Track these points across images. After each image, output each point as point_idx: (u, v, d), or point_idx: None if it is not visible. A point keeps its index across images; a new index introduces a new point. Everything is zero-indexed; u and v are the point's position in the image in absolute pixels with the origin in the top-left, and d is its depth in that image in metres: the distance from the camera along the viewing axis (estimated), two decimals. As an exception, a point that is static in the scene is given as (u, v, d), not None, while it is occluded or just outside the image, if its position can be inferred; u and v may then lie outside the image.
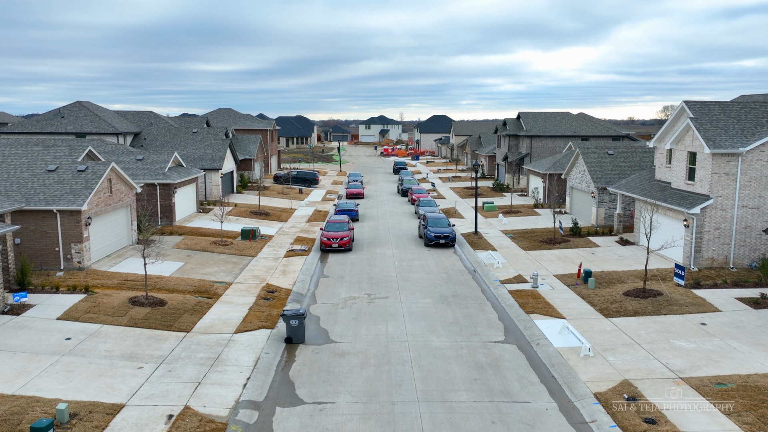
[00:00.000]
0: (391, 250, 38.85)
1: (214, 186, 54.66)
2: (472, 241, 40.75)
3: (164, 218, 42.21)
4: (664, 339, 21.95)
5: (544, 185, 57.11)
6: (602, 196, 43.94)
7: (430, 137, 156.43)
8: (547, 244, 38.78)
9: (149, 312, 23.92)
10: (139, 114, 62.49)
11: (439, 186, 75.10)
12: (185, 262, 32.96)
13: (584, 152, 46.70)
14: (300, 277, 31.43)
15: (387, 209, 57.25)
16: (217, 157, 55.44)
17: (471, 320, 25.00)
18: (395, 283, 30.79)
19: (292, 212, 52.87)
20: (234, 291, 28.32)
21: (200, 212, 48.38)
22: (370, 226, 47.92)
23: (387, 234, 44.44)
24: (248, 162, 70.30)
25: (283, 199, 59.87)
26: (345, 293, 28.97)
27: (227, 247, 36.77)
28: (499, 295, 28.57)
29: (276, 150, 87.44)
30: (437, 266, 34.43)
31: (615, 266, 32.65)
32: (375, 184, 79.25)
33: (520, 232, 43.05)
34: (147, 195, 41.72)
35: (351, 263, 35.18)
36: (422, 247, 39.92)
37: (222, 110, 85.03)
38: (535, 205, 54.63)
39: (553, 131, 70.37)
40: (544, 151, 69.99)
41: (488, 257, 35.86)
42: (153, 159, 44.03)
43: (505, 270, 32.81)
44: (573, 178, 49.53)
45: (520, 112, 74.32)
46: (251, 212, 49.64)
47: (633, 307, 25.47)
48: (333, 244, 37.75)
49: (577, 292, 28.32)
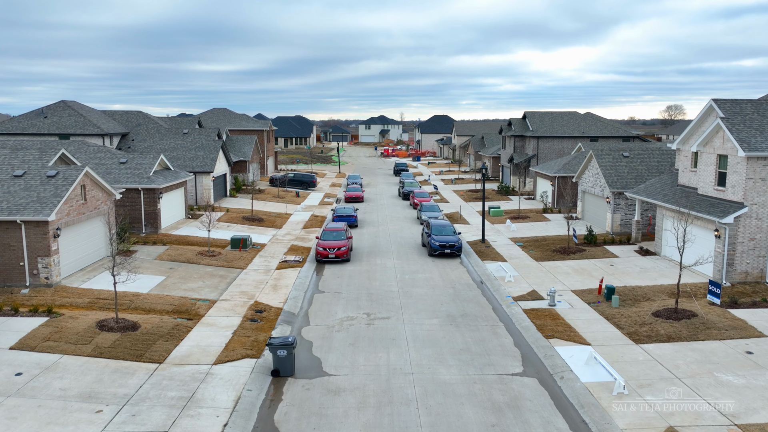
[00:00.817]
0: (393, 260, 35.97)
1: (205, 190, 51.80)
2: (479, 251, 37.87)
3: (149, 226, 39.34)
4: (708, 372, 19.07)
5: (552, 189, 54.24)
6: (618, 201, 41.06)
7: (432, 137, 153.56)
8: (560, 254, 35.90)
9: (118, 339, 21.04)
10: (128, 114, 59.58)
11: (441, 189, 72.23)
12: (167, 275, 30.08)
13: (598, 154, 43.82)
14: (292, 293, 28.55)
15: (387, 214, 54.39)
16: (209, 159, 52.58)
17: (483, 346, 22.12)
18: (397, 299, 27.92)
19: (287, 218, 49.99)
20: (218, 310, 25.44)
21: (189, 218, 45.51)
22: (370, 233, 45.06)
23: (388, 242, 41.56)
24: (243, 164, 67.43)
25: (279, 203, 57.00)
26: (342, 312, 26.09)
27: (215, 258, 33.88)
28: (513, 314, 25.69)
29: (273, 151, 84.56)
30: (443, 280, 31.56)
31: (638, 280, 29.78)
32: (375, 187, 76.39)
33: (530, 240, 40.16)
34: (130, 201, 38.85)
35: (349, 276, 32.30)
36: (426, 256, 37.04)
37: (216, 110, 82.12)
38: (544, 210, 51.74)
39: (561, 132, 67.49)
40: (551, 153, 67.11)
41: (498, 269, 32.99)
42: (137, 162, 41.16)
43: (517, 284, 29.94)
44: (585, 182, 46.64)
45: (525, 111, 71.46)
46: (244, 218, 46.76)
47: (665, 330, 22.58)
48: (329, 254, 34.88)
49: (600, 311, 25.44)
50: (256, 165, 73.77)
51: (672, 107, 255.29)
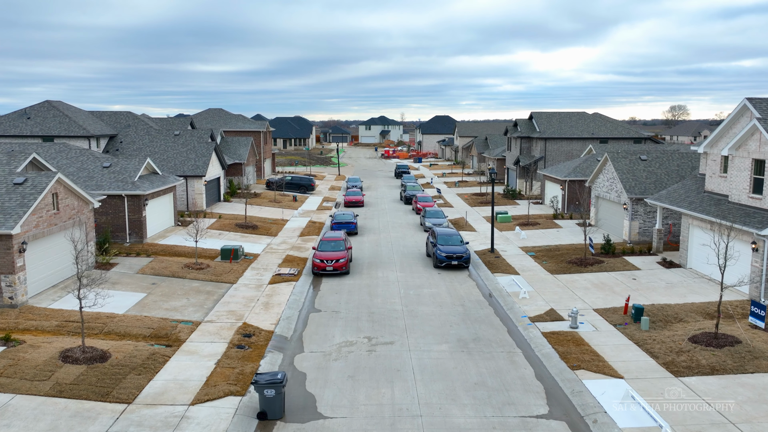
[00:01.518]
0: (395, 273, 33.27)
1: (197, 195, 49.10)
2: (488, 261, 35.18)
3: (133, 235, 36.64)
4: (766, 415, 16.37)
5: (563, 193, 51.54)
6: (636, 207, 38.36)
7: (433, 138, 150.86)
8: (577, 265, 33.20)
9: (83, 372, 18.35)
10: (116, 115, 56.86)
11: (445, 192, 69.52)
12: (148, 292, 27.38)
13: (614, 157, 41.11)
14: (285, 313, 25.85)
15: (389, 219, 51.69)
16: (201, 162, 49.89)
17: (501, 379, 19.42)
18: (401, 320, 25.22)
19: (283, 224, 47.28)
20: (201, 334, 22.75)
21: (178, 225, 42.81)
22: (371, 241, 42.36)
23: (390, 251, 38.87)
24: (238, 167, 64.72)
25: (275, 208, 54.31)
26: (340, 336, 23.39)
27: (202, 271, 31.18)
28: (532, 339, 22.98)
29: (270, 153, 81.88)
30: (451, 296, 28.86)
31: (666, 297, 27.08)
32: (376, 190, 73.70)
33: (542, 250, 37.46)
34: (113, 208, 36.17)
35: (348, 291, 29.61)
36: (431, 268, 34.35)
37: (212, 111, 79.45)
38: (555, 216, 49.03)
39: (569, 133, 64.81)
40: (559, 155, 64.43)
41: (510, 283, 30.29)
42: (122, 166, 38.46)
43: (533, 302, 27.24)
44: (599, 186, 43.94)
45: (532, 112, 68.78)
46: (237, 225, 44.04)
47: (707, 360, 19.89)
48: (327, 266, 32.18)
49: (629, 335, 22.74)
50: (252, 168, 71.10)
51: (675, 107, 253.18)
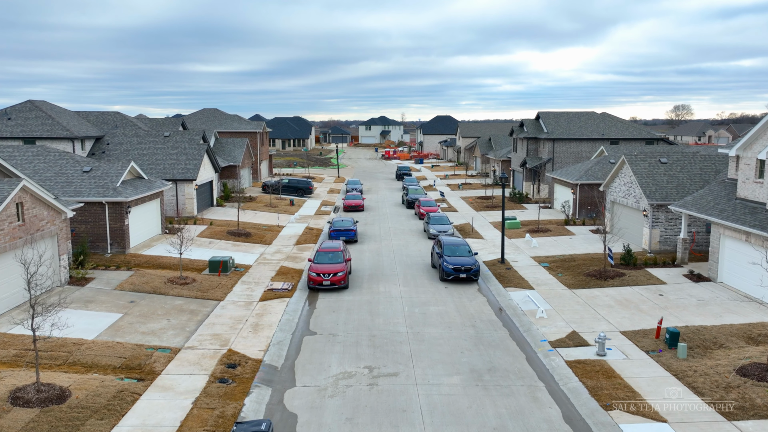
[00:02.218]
0: (398, 287, 30.56)
1: (188, 200, 46.40)
2: (499, 274, 32.47)
3: (115, 245, 33.94)
4: None
5: (574, 197, 48.85)
6: (657, 214, 35.66)
7: (434, 139, 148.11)
8: (596, 279, 30.49)
9: (35, 418, 15.65)
10: (104, 116, 54.16)
11: (448, 195, 66.78)
12: (125, 312, 24.67)
13: (631, 160, 38.40)
14: (277, 336, 23.13)
15: (391, 225, 48.98)
16: (191, 165, 47.19)
17: (524, 422, 16.70)
18: (406, 345, 22.51)
19: (279, 231, 44.56)
20: (179, 364, 20.04)
21: (166, 233, 40.09)
22: (372, 249, 39.64)
23: (392, 261, 36.15)
24: (233, 169, 62.03)
25: (270, 213, 51.59)
26: (337, 366, 20.68)
27: (187, 286, 28.48)
28: (555, 369, 20.27)
29: (267, 154, 79.19)
30: (460, 315, 26.15)
31: (699, 317, 24.37)
32: (376, 193, 71.00)
33: (556, 260, 34.75)
34: (93, 216, 33.48)
35: (347, 310, 26.90)
36: (437, 281, 31.64)
37: (206, 111, 76.77)
38: (566, 222, 46.29)
39: (578, 133, 62.08)
40: (568, 156, 61.72)
41: (525, 300, 27.58)
42: (103, 171, 35.76)
43: (552, 322, 24.53)
44: (615, 191, 41.22)
45: (539, 112, 66.07)
46: (229, 232, 41.32)
47: (763, 399, 17.16)
48: (324, 281, 29.47)
49: (665, 364, 20.02)
50: (248, 170, 68.43)
51: (679, 107, 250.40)
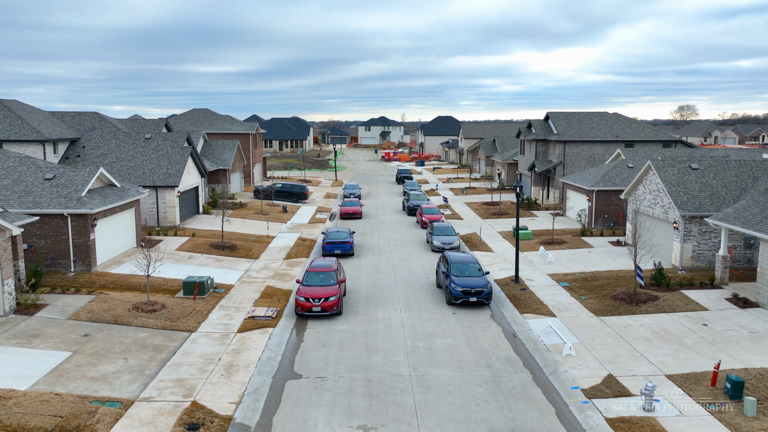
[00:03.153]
0: (399, 312, 26.69)
1: (169, 208, 42.52)
2: (514, 296, 28.61)
3: (79, 262, 30.07)
4: None
5: (589, 205, 44.98)
6: (689, 227, 31.82)
7: (435, 140, 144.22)
8: (626, 303, 26.63)
9: None
10: (81, 116, 50.25)
11: (452, 200, 62.88)
12: (75, 350, 20.80)
13: (659, 166, 34.53)
14: (254, 382, 19.25)
15: (391, 236, 45.09)
16: (174, 170, 43.31)
17: None
18: (409, 394, 18.62)
19: (268, 243, 40.66)
20: (129, 425, 16.15)
21: (142, 246, 36.16)
22: (370, 264, 35.76)
23: (392, 279, 32.29)
24: (222, 173, 58.19)
25: (261, 221, 47.71)
26: (324, 425, 16.76)
27: (155, 314, 24.59)
28: (593, 430, 16.38)
29: (261, 157, 75.32)
30: (472, 350, 22.27)
31: (758, 356, 20.51)
32: (375, 198, 67.12)
33: (577, 279, 30.89)
34: (54, 230, 29.62)
35: (339, 343, 23.01)
36: (443, 305, 27.79)
37: (197, 111, 72.94)
38: (583, 232, 42.38)
39: (591, 135, 58.23)
40: (579, 160, 57.87)
41: (547, 331, 23.70)
42: (68, 178, 31.89)
43: (582, 361, 20.66)
44: (639, 199, 37.35)
45: (548, 112, 62.22)
46: (212, 245, 37.41)
47: None
48: (313, 306, 25.58)
49: (731, 425, 16.15)
50: (240, 174, 64.57)
51: (684, 107, 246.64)
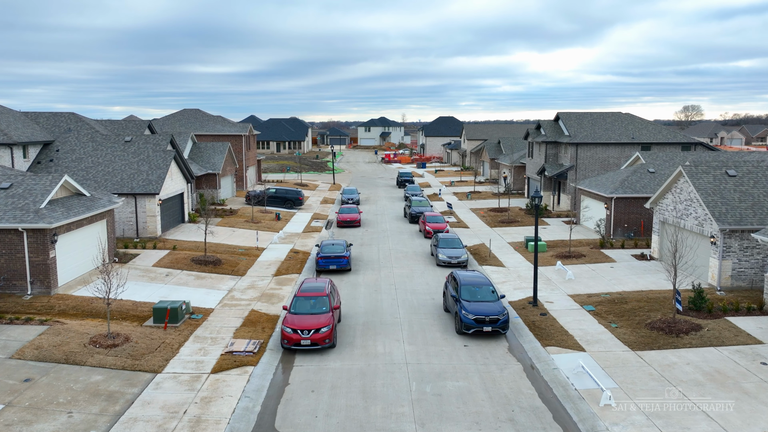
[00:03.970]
0: (402, 345, 23.02)
1: (149, 218, 38.86)
2: (533, 322, 24.95)
3: (37, 284, 26.40)
4: None
5: (608, 213, 41.34)
6: (728, 242, 28.18)
7: (437, 141, 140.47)
8: (664, 333, 22.97)
9: None
10: (56, 117, 46.53)
11: (456, 206, 59.17)
12: (7, 403, 17.11)
13: (691, 172, 30.89)
14: (224, 444, 15.60)
15: (391, 247, 41.43)
16: (155, 176, 39.65)
17: None
18: (416, 463, 14.98)
19: (258, 256, 36.97)
20: None
21: (115, 262, 32.53)
22: (368, 282, 32.11)
23: (393, 301, 28.64)
24: (211, 178, 54.57)
25: (251, 231, 44.03)
26: None
27: (115, 350, 20.91)
28: None
29: (254, 159, 71.66)
30: (490, 398, 18.60)
31: (840, 409, 16.85)
32: (375, 203, 63.44)
33: (604, 302, 27.24)
34: (8, 247, 25.99)
35: (331, 388, 19.34)
36: (452, 334, 24.13)
37: (187, 111, 69.31)
38: (602, 244, 38.67)
39: (605, 137, 54.54)
40: (593, 163, 54.19)
41: (577, 371, 20.01)
42: (27, 187, 28.25)
43: (625, 415, 16.98)
44: (667, 209, 33.71)
45: (559, 113, 58.57)
46: (194, 260, 33.69)
47: None
48: (302, 339, 21.92)
49: None
50: (231, 178, 60.89)
51: (689, 107, 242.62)
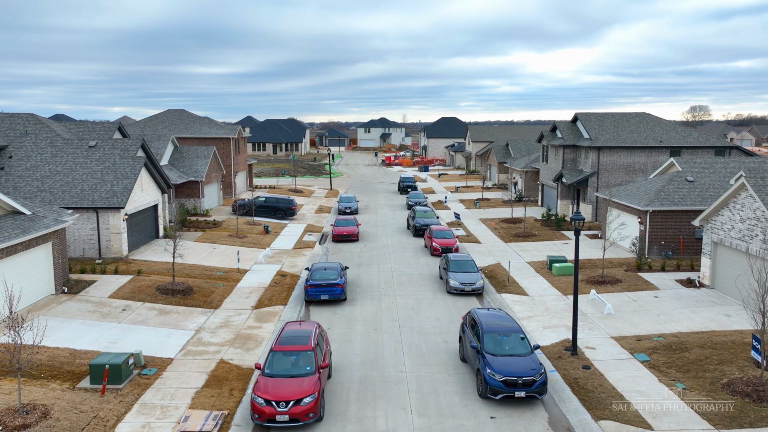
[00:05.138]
0: (409, 415, 17.70)
1: (114, 235, 33.56)
2: (575, 381, 19.63)
3: (-50, 328, 21.10)
4: None
5: (642, 229, 36.05)
6: (810, 272, 22.77)
7: (439, 143, 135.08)
8: (751, 400, 17.69)
9: None
10: (12, 119, 41.10)
11: (464, 216, 53.81)
12: None
13: (758, 185, 25.59)
14: None
15: (394, 268, 36.10)
16: (120, 186, 34.35)
17: None
18: None
19: (238, 280, 31.63)
20: None
21: (63, 293, 27.24)
22: (366, 317, 26.80)
23: (397, 346, 23.31)
24: (194, 186, 49.29)
25: (234, 246, 38.72)
26: None
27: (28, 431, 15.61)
28: None
29: (245, 164, 66.32)
30: None
31: None
32: (375, 212, 58.12)
33: (659, 348, 21.89)
34: None
35: (313, 494, 14.05)
36: (474, 399, 18.82)
37: (171, 112, 64.02)
38: (638, 266, 33.29)
39: (630, 141, 49.23)
40: (617, 169, 48.90)
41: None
42: (-54, 205, 22.96)
43: None
44: (722, 228, 28.40)
45: (577, 113, 53.28)
46: (159, 289, 28.30)
47: None
48: (278, 413, 16.59)
49: None
50: (217, 185, 55.55)
51: (696, 108, 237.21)
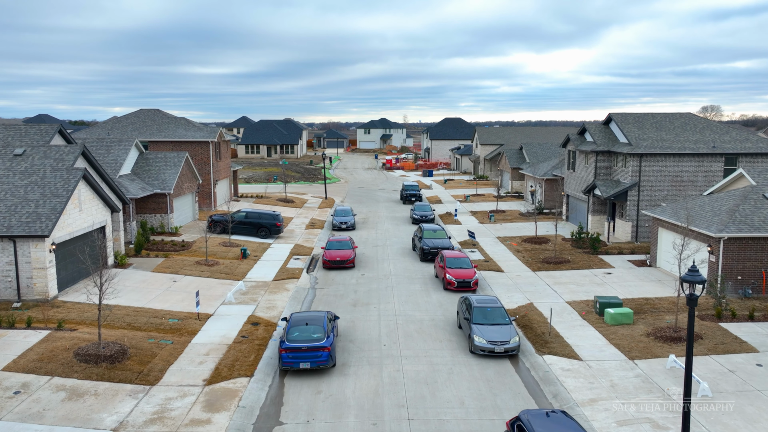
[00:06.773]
0: None
1: (37, 270, 25.93)
2: None
3: None
4: None
5: (713, 260, 28.44)
6: None
7: (443, 145, 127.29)
8: None
9: None
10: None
11: (479, 233, 46.00)
12: None
13: None
14: None
15: (399, 309, 28.43)
16: (48, 207, 26.73)
17: None
18: None
19: (194, 334, 23.90)
20: None
21: (-57, 362, 19.52)
22: (361, 401, 19.11)
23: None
24: (160, 199, 41.64)
25: (201, 278, 31.11)
26: None
27: None
28: None
29: (228, 171, 58.60)
30: None
31: None
32: (375, 227, 50.42)
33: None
34: None
35: None
36: None
37: (144, 112, 56.38)
38: (719, 313, 25.58)
39: (676, 146, 41.61)
40: (662, 180, 41.28)
41: None
42: None
43: None
44: None
45: (611, 113, 45.70)
46: (78, 354, 20.56)
47: None
48: None
49: None
50: (191, 197, 47.86)
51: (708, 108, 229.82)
